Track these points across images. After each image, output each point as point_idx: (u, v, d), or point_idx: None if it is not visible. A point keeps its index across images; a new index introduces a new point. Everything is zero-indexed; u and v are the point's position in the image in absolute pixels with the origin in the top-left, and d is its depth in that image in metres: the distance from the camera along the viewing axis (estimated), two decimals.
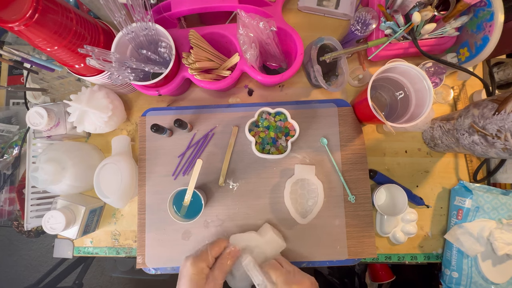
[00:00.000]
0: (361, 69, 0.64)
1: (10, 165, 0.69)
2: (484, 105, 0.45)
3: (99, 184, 0.56)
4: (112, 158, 0.58)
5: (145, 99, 0.67)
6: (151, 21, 0.48)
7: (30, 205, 0.63)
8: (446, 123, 0.55)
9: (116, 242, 0.64)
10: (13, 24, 0.38)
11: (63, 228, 0.55)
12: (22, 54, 0.53)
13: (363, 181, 0.60)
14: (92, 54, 0.44)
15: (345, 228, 0.59)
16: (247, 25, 0.48)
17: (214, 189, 0.61)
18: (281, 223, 0.60)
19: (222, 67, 0.56)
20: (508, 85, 0.65)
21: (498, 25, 0.49)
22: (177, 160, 0.62)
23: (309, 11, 0.66)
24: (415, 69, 0.51)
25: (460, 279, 0.57)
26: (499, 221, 0.57)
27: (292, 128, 0.57)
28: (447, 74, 0.62)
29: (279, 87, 0.66)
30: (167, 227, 0.60)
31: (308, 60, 0.60)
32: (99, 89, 0.58)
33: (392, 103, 0.60)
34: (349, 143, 0.61)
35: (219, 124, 0.63)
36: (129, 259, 1.35)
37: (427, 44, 0.57)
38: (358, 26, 0.55)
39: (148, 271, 0.60)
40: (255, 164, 0.61)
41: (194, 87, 0.66)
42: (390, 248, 0.62)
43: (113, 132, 0.66)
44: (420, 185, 0.63)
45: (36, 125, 0.57)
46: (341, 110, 0.62)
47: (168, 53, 0.51)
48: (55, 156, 0.56)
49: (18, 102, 0.73)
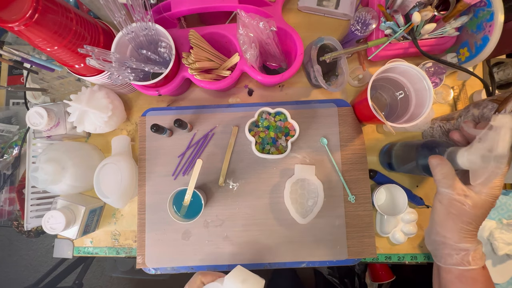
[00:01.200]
0: (361, 69, 0.64)
1: (10, 165, 0.69)
2: (484, 105, 0.45)
3: (99, 184, 0.56)
4: (112, 158, 0.58)
5: (145, 99, 0.67)
6: (151, 21, 0.48)
7: (30, 205, 0.63)
8: (446, 123, 0.55)
9: (116, 242, 0.64)
10: (13, 24, 0.38)
11: (63, 228, 0.55)
12: (22, 54, 0.53)
13: (363, 181, 0.60)
14: (92, 54, 0.44)
15: (345, 228, 0.59)
16: (247, 25, 0.48)
17: (214, 189, 0.61)
18: (281, 223, 0.60)
19: (222, 67, 0.56)
20: (508, 85, 0.65)
21: (498, 25, 0.49)
22: (177, 160, 0.62)
23: (309, 11, 0.66)
24: (415, 69, 0.51)
25: None
26: (499, 221, 0.57)
27: (292, 128, 0.57)
28: (447, 74, 0.62)
29: (279, 87, 0.66)
30: (167, 227, 0.60)
31: (308, 60, 0.60)
32: (99, 89, 0.58)
33: (392, 103, 0.60)
34: (349, 143, 0.61)
35: (219, 124, 0.63)
36: (129, 259, 1.35)
37: (427, 44, 0.57)
38: (358, 26, 0.55)
39: (148, 271, 0.60)
40: (255, 164, 0.61)
41: (194, 87, 0.66)
42: (390, 248, 0.62)
43: (113, 132, 0.66)
44: (420, 185, 0.63)
45: (36, 125, 0.57)
46: (341, 110, 0.62)
47: (168, 53, 0.51)
48: (55, 156, 0.56)
49: (18, 102, 0.73)
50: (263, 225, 0.60)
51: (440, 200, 0.36)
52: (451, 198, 0.35)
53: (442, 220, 0.37)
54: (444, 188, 0.36)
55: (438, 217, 0.37)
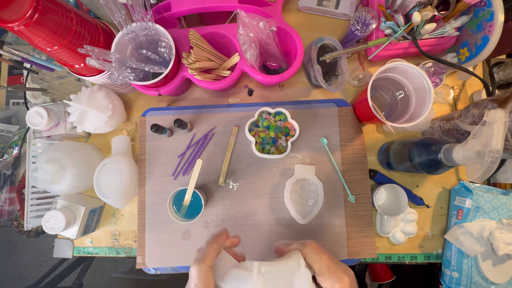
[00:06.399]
0: (361, 69, 0.64)
1: (10, 165, 0.69)
2: (484, 105, 0.45)
3: (99, 184, 0.56)
4: (112, 158, 0.58)
5: (145, 99, 0.67)
6: (151, 21, 0.48)
7: (30, 205, 0.63)
8: (446, 123, 0.55)
9: (116, 242, 0.64)
10: (13, 24, 0.38)
11: (63, 228, 0.55)
12: (22, 54, 0.53)
13: (363, 181, 0.60)
14: (92, 54, 0.44)
15: (345, 228, 0.59)
16: (247, 25, 0.48)
17: (214, 189, 0.61)
18: (281, 223, 0.60)
19: (222, 67, 0.56)
20: (508, 85, 0.65)
21: (498, 25, 0.49)
22: (177, 160, 0.62)
23: (309, 11, 0.66)
24: (415, 69, 0.51)
25: (460, 279, 0.57)
26: (499, 221, 0.57)
27: (292, 128, 0.57)
28: (447, 74, 0.62)
29: (279, 87, 0.66)
30: (167, 227, 0.60)
31: (308, 60, 0.60)
32: (99, 89, 0.58)
33: (392, 103, 0.60)
34: (349, 143, 0.61)
35: (219, 124, 0.63)
36: (129, 259, 1.35)
37: (427, 44, 0.57)
38: (358, 26, 0.55)
39: (148, 271, 0.60)
40: (255, 164, 0.61)
41: (194, 87, 0.66)
42: (390, 248, 0.62)
43: (113, 132, 0.66)
44: (420, 185, 0.63)
45: (36, 125, 0.57)
46: (341, 110, 0.62)
47: (168, 53, 0.51)
48: (55, 156, 0.56)
49: (18, 102, 0.73)
50: (263, 225, 0.60)
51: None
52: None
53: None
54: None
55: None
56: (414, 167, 0.50)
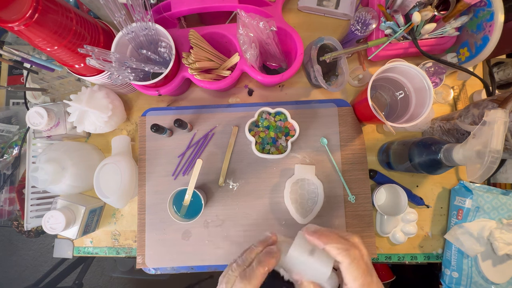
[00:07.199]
0: (361, 69, 0.64)
1: (10, 165, 0.69)
2: (484, 105, 0.45)
3: (99, 184, 0.56)
4: (112, 158, 0.58)
5: (145, 99, 0.67)
6: (151, 21, 0.48)
7: (30, 205, 0.63)
8: (446, 123, 0.55)
9: (116, 242, 0.64)
10: (13, 24, 0.38)
11: (63, 228, 0.55)
12: (22, 54, 0.53)
13: (363, 181, 0.60)
14: (92, 54, 0.44)
15: (345, 228, 0.59)
16: (247, 25, 0.48)
17: (214, 189, 0.61)
18: (281, 223, 0.60)
19: (222, 67, 0.56)
20: (508, 85, 0.65)
21: (498, 25, 0.49)
22: (177, 160, 0.62)
23: (309, 11, 0.66)
24: (415, 69, 0.51)
25: (460, 279, 0.57)
26: (499, 221, 0.57)
27: (292, 128, 0.57)
28: (447, 74, 0.62)
29: (279, 87, 0.66)
30: (167, 227, 0.60)
31: (308, 60, 0.60)
32: (99, 89, 0.58)
33: (392, 103, 0.60)
34: (349, 143, 0.61)
35: (219, 124, 0.63)
36: (129, 259, 1.35)
37: (427, 44, 0.57)
38: (358, 26, 0.55)
39: (148, 271, 0.60)
40: (255, 164, 0.61)
41: (194, 87, 0.66)
42: (390, 248, 0.62)
43: (113, 132, 0.66)
44: (420, 185, 0.63)
45: (36, 125, 0.57)
46: (341, 110, 0.62)
47: (168, 53, 0.51)
48: (55, 156, 0.56)
49: (18, 102, 0.73)
50: (263, 225, 0.60)
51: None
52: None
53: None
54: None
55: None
56: (414, 167, 0.50)
